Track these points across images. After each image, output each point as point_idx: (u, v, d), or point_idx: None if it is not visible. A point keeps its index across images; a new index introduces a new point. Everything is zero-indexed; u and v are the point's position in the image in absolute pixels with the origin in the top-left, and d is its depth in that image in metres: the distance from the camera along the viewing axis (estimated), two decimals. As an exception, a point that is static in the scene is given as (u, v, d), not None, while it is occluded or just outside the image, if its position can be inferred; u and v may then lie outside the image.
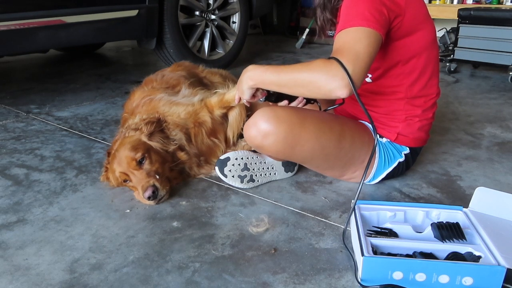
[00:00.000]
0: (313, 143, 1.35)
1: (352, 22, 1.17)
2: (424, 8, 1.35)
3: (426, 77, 1.38)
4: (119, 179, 1.45)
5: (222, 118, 1.66)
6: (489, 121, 2.26)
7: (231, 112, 1.67)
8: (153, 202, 1.37)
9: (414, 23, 1.29)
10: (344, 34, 1.17)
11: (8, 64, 3.83)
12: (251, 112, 1.60)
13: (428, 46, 1.35)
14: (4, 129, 2.13)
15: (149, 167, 1.42)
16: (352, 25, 1.16)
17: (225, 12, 3.40)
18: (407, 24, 1.27)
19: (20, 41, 2.41)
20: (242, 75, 1.30)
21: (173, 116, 1.57)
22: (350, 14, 1.20)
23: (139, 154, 1.41)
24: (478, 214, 1.20)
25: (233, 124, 1.67)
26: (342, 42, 1.16)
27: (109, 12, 2.71)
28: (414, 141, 1.46)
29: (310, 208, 1.37)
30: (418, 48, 1.34)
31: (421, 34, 1.32)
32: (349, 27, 1.17)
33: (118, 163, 1.43)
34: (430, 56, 1.37)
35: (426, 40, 1.34)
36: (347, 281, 1.04)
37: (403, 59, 1.34)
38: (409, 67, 1.35)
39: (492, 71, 3.49)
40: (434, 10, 4.37)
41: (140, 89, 1.78)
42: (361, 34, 1.15)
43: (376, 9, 1.20)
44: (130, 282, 1.03)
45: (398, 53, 1.33)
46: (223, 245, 1.18)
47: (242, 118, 1.67)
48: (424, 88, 1.39)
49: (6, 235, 1.23)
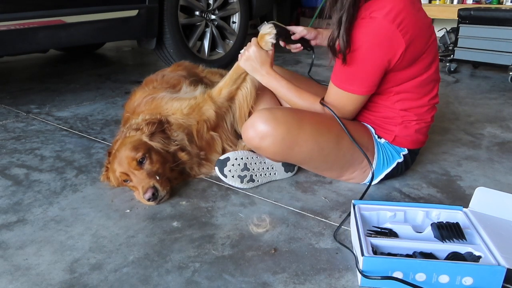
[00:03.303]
0: (311, 144, 1.35)
1: (353, 86, 1.31)
2: (426, 31, 1.30)
3: (421, 93, 1.38)
4: (120, 179, 1.45)
5: (228, 101, 1.63)
6: (489, 121, 2.26)
7: (238, 92, 1.63)
8: (153, 203, 1.37)
9: (416, 54, 1.29)
10: (341, 94, 1.34)
11: (8, 64, 3.83)
12: (260, 91, 1.65)
13: (425, 68, 1.34)
14: (4, 129, 2.13)
15: (149, 167, 1.42)
16: (351, 91, 1.32)
17: (225, 12, 3.39)
18: (407, 59, 1.27)
19: (20, 41, 2.40)
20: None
21: (176, 113, 1.56)
22: (356, 73, 1.29)
23: (140, 154, 1.41)
24: (478, 214, 1.20)
25: (243, 102, 1.64)
26: (337, 99, 1.36)
27: (109, 12, 2.71)
28: (412, 143, 1.46)
29: (310, 208, 1.37)
30: (413, 74, 1.34)
31: (419, 64, 1.32)
32: (348, 91, 1.33)
33: (119, 163, 1.43)
34: (426, 76, 1.36)
35: (424, 65, 1.33)
36: (347, 281, 1.04)
37: (395, 84, 1.36)
38: (401, 88, 1.36)
39: (492, 71, 3.49)
40: (434, 10, 4.38)
41: (141, 89, 1.78)
42: (355, 100, 1.35)
43: (381, 70, 1.27)
44: (130, 282, 1.03)
45: (391, 81, 1.34)
46: (223, 245, 1.18)
47: (252, 95, 1.63)
48: (418, 101, 1.39)
49: (6, 235, 1.23)
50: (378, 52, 1.24)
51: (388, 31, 1.21)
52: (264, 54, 1.45)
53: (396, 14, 1.21)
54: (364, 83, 1.30)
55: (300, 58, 4.12)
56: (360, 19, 1.25)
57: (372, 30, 1.22)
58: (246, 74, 1.59)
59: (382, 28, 1.21)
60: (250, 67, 1.49)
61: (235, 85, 1.61)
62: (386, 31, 1.21)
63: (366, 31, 1.23)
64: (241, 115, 1.66)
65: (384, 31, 1.21)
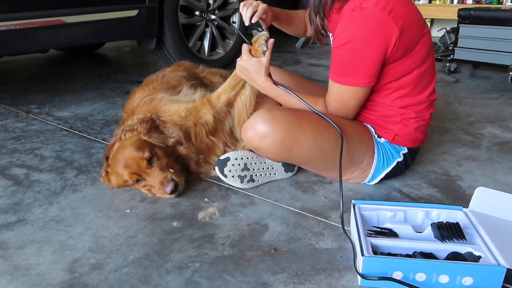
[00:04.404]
0: (311, 144, 1.35)
1: (353, 79, 1.30)
2: (418, 21, 1.31)
3: (418, 88, 1.39)
4: (130, 181, 1.44)
5: (227, 107, 1.63)
6: (489, 121, 2.26)
7: (238, 99, 1.63)
8: (173, 195, 1.40)
9: (409, 42, 1.29)
10: (342, 89, 1.33)
11: (8, 64, 3.83)
12: (260, 98, 1.64)
13: (421, 61, 1.35)
14: (4, 129, 2.13)
15: (159, 163, 1.43)
16: (352, 83, 1.31)
17: (225, 12, 3.39)
18: (402, 47, 1.28)
19: (20, 41, 2.40)
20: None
21: (173, 115, 1.56)
22: (355, 64, 1.28)
23: (147, 153, 1.41)
24: (478, 214, 1.20)
25: (242, 109, 1.63)
26: (339, 95, 1.36)
27: (109, 12, 2.71)
28: (411, 142, 1.46)
29: (310, 208, 1.37)
30: (409, 67, 1.34)
31: (415, 56, 1.32)
32: (349, 85, 1.31)
33: (126, 166, 1.42)
34: (423, 69, 1.36)
35: (420, 56, 1.34)
36: (347, 281, 1.04)
37: (393, 79, 1.35)
38: (400, 83, 1.36)
39: (492, 71, 3.49)
40: (434, 10, 4.38)
41: (141, 89, 1.77)
42: (357, 93, 1.34)
43: (379, 59, 1.27)
44: (130, 282, 1.03)
45: (389, 75, 1.34)
46: (223, 245, 1.18)
47: (251, 102, 1.62)
48: (417, 97, 1.39)
49: (6, 235, 1.23)
50: (373, 40, 1.24)
51: (380, 18, 1.22)
52: (256, 63, 1.39)
53: (386, 2, 1.22)
54: (363, 74, 1.29)
55: (300, 58, 4.12)
56: (351, 11, 1.26)
57: (365, 20, 1.23)
58: (245, 81, 1.59)
59: (374, 16, 1.22)
60: (246, 77, 1.48)
61: (234, 92, 1.61)
62: (378, 19, 1.22)
63: (359, 22, 1.24)
64: (240, 122, 1.65)
65: (376, 19, 1.22)
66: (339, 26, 1.29)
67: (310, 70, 3.56)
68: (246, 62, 1.41)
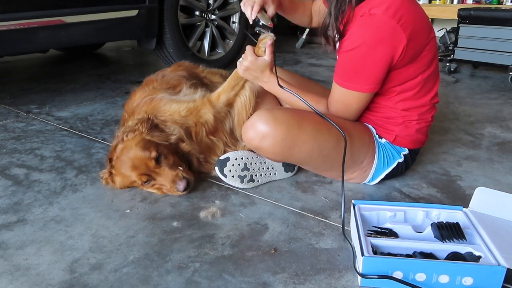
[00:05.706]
0: (311, 144, 1.35)
1: (357, 84, 1.30)
2: (425, 27, 1.31)
3: (422, 92, 1.38)
4: (139, 181, 1.44)
5: (227, 107, 1.63)
6: (489, 121, 2.26)
7: (237, 99, 1.64)
8: (185, 192, 1.41)
9: (416, 50, 1.28)
10: (346, 93, 1.33)
11: (8, 64, 3.83)
12: (260, 99, 1.65)
13: (426, 66, 1.34)
14: (4, 129, 2.13)
15: (167, 162, 1.43)
16: (356, 89, 1.31)
17: (225, 12, 3.39)
18: (409, 54, 1.27)
19: (20, 41, 2.40)
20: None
21: (173, 114, 1.56)
22: (360, 70, 1.28)
23: (154, 152, 1.41)
24: (478, 214, 1.20)
25: (241, 110, 1.64)
26: (341, 98, 1.36)
27: (109, 12, 2.71)
28: (412, 143, 1.46)
29: (310, 208, 1.37)
30: (415, 72, 1.34)
31: (421, 61, 1.32)
32: (353, 89, 1.32)
33: (133, 167, 1.42)
34: (428, 74, 1.36)
35: (425, 62, 1.33)
36: (347, 281, 1.04)
37: (398, 83, 1.35)
38: (404, 87, 1.36)
39: (492, 71, 3.49)
40: (434, 10, 4.38)
41: (141, 89, 1.77)
42: (360, 98, 1.34)
43: (384, 66, 1.27)
44: (130, 282, 1.03)
45: (394, 80, 1.34)
46: (223, 245, 1.18)
47: (251, 103, 1.63)
48: (420, 100, 1.39)
49: (6, 235, 1.23)
50: (381, 48, 1.23)
51: (389, 26, 1.21)
52: (262, 61, 1.43)
53: (395, 9, 1.21)
54: (368, 80, 1.29)
55: (300, 58, 4.12)
56: (360, 16, 1.25)
57: (373, 27, 1.23)
58: (244, 82, 1.60)
59: (383, 24, 1.21)
60: (251, 76, 1.49)
61: (233, 92, 1.61)
62: (387, 27, 1.21)
63: (367, 28, 1.23)
64: (240, 123, 1.65)
65: (385, 27, 1.21)
66: (348, 31, 1.29)
67: (310, 70, 3.55)
68: (251, 62, 1.43)
